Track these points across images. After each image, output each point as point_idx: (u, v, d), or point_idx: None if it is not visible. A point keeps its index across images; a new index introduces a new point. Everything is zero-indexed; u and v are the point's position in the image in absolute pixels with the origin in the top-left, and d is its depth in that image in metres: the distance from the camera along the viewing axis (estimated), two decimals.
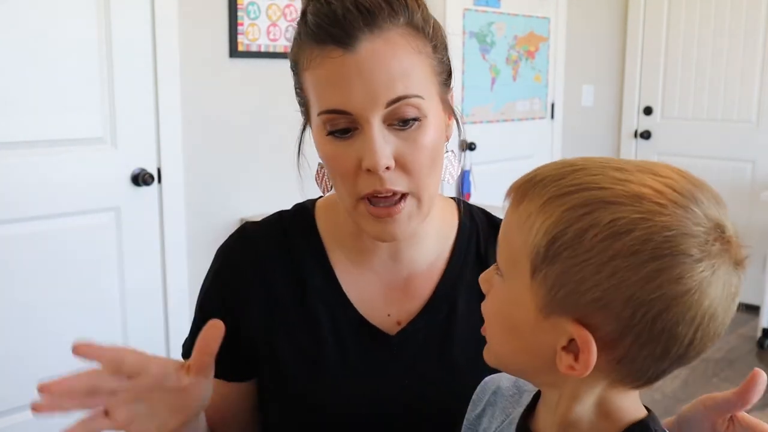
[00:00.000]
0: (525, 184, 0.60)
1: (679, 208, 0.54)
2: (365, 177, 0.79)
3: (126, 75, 2.41)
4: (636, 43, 4.53)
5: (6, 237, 2.21)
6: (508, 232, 0.61)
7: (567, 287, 0.55)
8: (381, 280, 0.92)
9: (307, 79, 0.82)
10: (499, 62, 3.84)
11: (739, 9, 4.11)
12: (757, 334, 3.73)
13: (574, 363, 0.57)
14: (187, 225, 2.62)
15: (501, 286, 0.62)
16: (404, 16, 0.79)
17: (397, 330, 0.91)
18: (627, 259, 0.53)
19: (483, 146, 3.75)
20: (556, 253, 0.55)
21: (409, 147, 0.80)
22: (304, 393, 0.90)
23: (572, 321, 0.56)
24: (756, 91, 4.12)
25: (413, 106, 0.79)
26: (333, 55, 0.77)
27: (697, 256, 0.54)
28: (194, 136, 2.60)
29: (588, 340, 0.55)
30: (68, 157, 2.32)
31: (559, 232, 0.55)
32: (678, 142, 4.40)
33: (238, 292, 0.92)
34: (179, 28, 2.51)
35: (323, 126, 0.80)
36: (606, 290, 0.54)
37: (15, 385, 2.30)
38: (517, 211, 0.60)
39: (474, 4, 3.64)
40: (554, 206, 0.56)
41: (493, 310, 0.63)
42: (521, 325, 0.60)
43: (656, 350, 0.56)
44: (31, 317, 2.30)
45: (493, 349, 0.64)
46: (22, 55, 2.20)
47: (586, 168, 0.58)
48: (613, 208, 0.54)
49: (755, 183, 4.11)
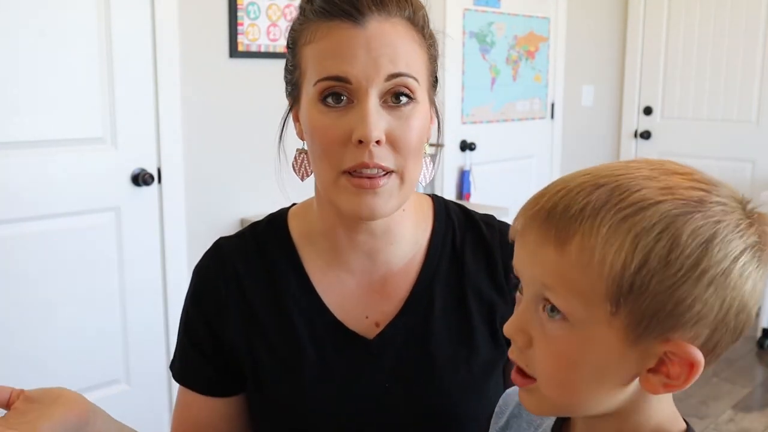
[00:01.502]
0: (562, 218, 0.55)
1: (727, 198, 0.55)
2: (353, 150, 0.80)
3: (126, 75, 2.41)
4: (636, 43, 4.53)
5: (6, 237, 2.21)
6: (561, 274, 0.55)
7: (663, 312, 0.53)
8: (357, 282, 0.92)
9: (307, 53, 0.83)
10: (499, 62, 3.84)
11: (739, 9, 4.11)
12: (757, 334, 3.73)
13: (668, 380, 0.55)
14: (187, 225, 2.62)
15: (563, 332, 0.56)
16: (409, 11, 0.83)
17: (376, 332, 0.90)
18: (719, 265, 0.53)
19: (483, 146, 3.75)
20: (643, 282, 0.52)
21: (400, 125, 0.81)
22: (287, 403, 0.90)
23: (666, 341, 0.54)
24: (756, 91, 4.12)
25: (409, 86, 0.81)
26: (342, 26, 0.80)
27: (756, 237, 0.55)
28: (194, 136, 2.60)
29: (696, 357, 0.54)
30: (68, 157, 2.32)
31: (640, 260, 0.52)
32: (678, 142, 4.40)
33: (218, 310, 0.93)
34: (179, 28, 2.51)
35: (317, 96, 0.82)
36: (706, 301, 0.53)
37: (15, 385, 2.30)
38: (566, 249, 0.54)
39: (474, 4, 3.64)
40: (621, 234, 0.52)
41: (554, 362, 0.57)
42: (597, 366, 0.56)
43: (735, 336, 0.56)
44: (31, 317, 2.29)
45: (552, 399, 0.58)
46: (22, 56, 2.20)
47: (620, 184, 0.55)
48: (683, 219, 0.53)
49: (755, 183, 4.11)
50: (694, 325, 0.53)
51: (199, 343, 0.94)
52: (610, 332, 0.54)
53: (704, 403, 3.04)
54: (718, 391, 3.17)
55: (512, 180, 3.94)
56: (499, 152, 3.91)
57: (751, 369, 3.45)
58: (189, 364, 0.95)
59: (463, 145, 3.69)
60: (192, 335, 0.95)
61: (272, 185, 1.02)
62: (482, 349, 0.91)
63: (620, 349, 0.54)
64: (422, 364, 0.90)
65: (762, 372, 3.45)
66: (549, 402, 0.59)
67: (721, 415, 2.94)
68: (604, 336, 0.54)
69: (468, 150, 3.69)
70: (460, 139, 3.68)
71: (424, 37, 0.85)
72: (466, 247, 0.95)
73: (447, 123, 3.59)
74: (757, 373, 3.42)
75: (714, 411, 2.98)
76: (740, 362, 3.49)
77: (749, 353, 3.60)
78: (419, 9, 0.85)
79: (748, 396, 3.12)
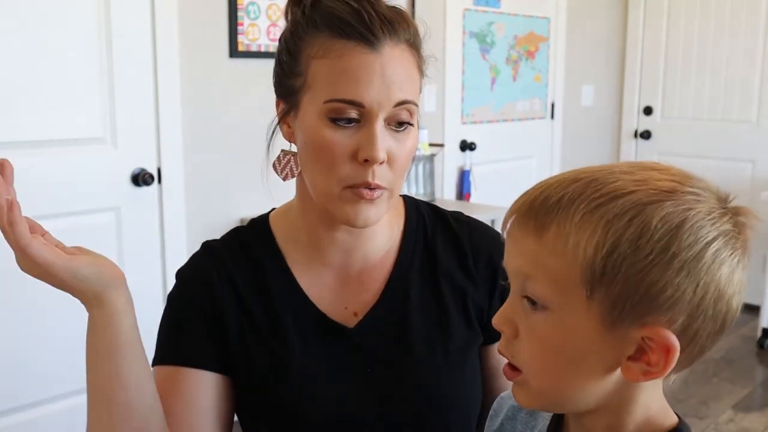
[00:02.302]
0: (540, 209, 0.58)
1: (702, 190, 0.57)
2: (356, 166, 0.86)
3: (126, 75, 2.41)
4: (636, 43, 4.53)
5: None
6: (540, 262, 0.57)
7: (636, 295, 0.54)
8: (336, 275, 0.98)
9: (318, 67, 0.86)
10: (499, 62, 3.84)
11: (739, 9, 4.11)
12: (757, 334, 3.73)
13: (648, 368, 0.57)
14: (187, 225, 2.62)
15: (544, 320, 0.58)
16: (409, 34, 0.89)
17: (356, 322, 0.96)
18: (690, 249, 0.54)
19: (483, 146, 3.75)
20: (614, 266, 0.54)
21: (399, 147, 0.88)
22: (275, 391, 0.94)
23: (642, 326, 0.55)
24: (756, 91, 4.12)
25: (410, 111, 0.88)
26: (359, 50, 0.84)
27: (731, 226, 0.57)
28: (194, 136, 2.60)
29: (671, 341, 0.55)
30: (68, 157, 2.32)
31: (612, 244, 0.54)
32: (678, 142, 4.40)
33: (213, 305, 0.96)
34: (179, 28, 2.51)
35: (325, 113, 0.86)
36: (678, 285, 0.54)
37: (15, 385, 2.30)
38: (544, 238, 0.57)
39: (474, 4, 3.64)
40: (593, 221, 0.55)
41: (538, 349, 0.59)
42: (578, 352, 0.57)
43: (716, 326, 0.57)
44: (31, 317, 2.30)
45: (539, 389, 0.60)
46: (22, 56, 2.20)
47: (597, 178, 0.57)
48: (654, 207, 0.55)
49: (755, 183, 4.11)
50: (668, 309, 0.55)
51: (191, 327, 0.96)
52: (588, 318, 0.56)
53: (704, 403, 3.04)
54: (718, 391, 3.17)
55: (512, 180, 3.94)
56: (499, 152, 3.91)
57: (751, 369, 3.45)
58: (179, 343, 0.96)
59: (463, 145, 3.69)
60: (182, 323, 0.97)
61: (272, 185, 1.05)
62: (457, 333, 0.97)
63: (599, 334, 0.56)
64: (401, 349, 0.95)
65: (762, 372, 3.45)
66: (537, 393, 0.61)
67: (721, 415, 2.94)
68: (583, 322, 0.56)
69: (468, 150, 3.69)
70: (460, 139, 3.68)
71: (420, 59, 0.91)
72: (437, 239, 1.01)
73: (447, 123, 3.59)
74: (757, 373, 3.42)
75: (714, 411, 2.98)
76: (740, 362, 3.49)
77: (749, 353, 3.60)
78: (417, 31, 0.90)
79: (748, 396, 3.12)
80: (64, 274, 0.80)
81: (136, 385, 0.84)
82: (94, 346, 0.84)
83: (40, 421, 2.36)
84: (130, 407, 0.83)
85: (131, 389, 0.83)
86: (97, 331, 0.83)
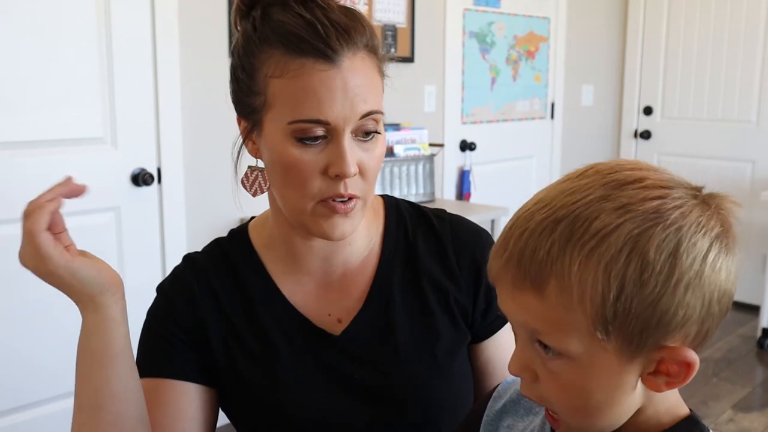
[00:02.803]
0: (532, 265, 0.56)
1: (682, 198, 0.57)
2: (328, 182, 0.84)
3: (126, 75, 2.41)
4: (636, 43, 4.53)
5: (6, 237, 2.21)
6: (546, 318, 0.56)
7: (650, 326, 0.55)
8: (317, 283, 0.97)
9: (276, 87, 0.83)
10: (499, 62, 3.84)
11: (739, 9, 4.11)
12: (757, 334, 3.73)
13: (670, 379, 0.58)
14: (187, 225, 2.62)
15: (563, 365, 0.58)
16: (366, 37, 0.86)
17: (340, 328, 0.95)
18: (691, 269, 0.55)
19: (483, 146, 3.75)
20: (624, 307, 0.54)
21: (368, 156, 0.87)
22: (264, 401, 0.93)
23: (661, 348, 0.56)
24: (756, 91, 4.12)
25: (375, 120, 0.86)
26: (318, 67, 0.81)
27: (719, 227, 0.57)
28: (194, 136, 2.60)
29: (691, 358, 0.56)
30: (68, 157, 2.33)
31: (617, 288, 0.54)
32: (678, 142, 4.40)
33: (195, 318, 0.95)
34: (179, 28, 2.51)
35: (290, 133, 0.83)
36: (688, 304, 0.55)
37: (15, 385, 2.30)
38: (545, 295, 0.56)
39: (474, 4, 3.64)
40: (592, 268, 0.54)
41: (563, 393, 0.59)
42: (604, 387, 0.58)
43: (721, 317, 0.59)
44: (31, 317, 2.30)
45: (576, 424, 0.61)
46: (22, 56, 2.20)
47: (578, 216, 0.55)
48: (646, 236, 0.54)
49: (755, 183, 4.11)
50: (681, 328, 0.56)
51: (173, 340, 0.95)
52: (607, 356, 0.56)
53: (704, 403, 3.04)
54: (718, 391, 3.17)
55: (512, 180, 3.95)
56: (499, 152, 3.91)
57: (751, 369, 3.45)
58: (162, 356, 0.95)
59: (463, 145, 3.69)
60: (164, 336, 0.96)
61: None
62: (443, 334, 0.95)
63: (619, 367, 0.57)
64: (388, 354, 0.94)
65: (762, 372, 3.45)
66: (577, 428, 0.62)
67: (721, 415, 2.94)
68: (603, 360, 0.56)
69: (468, 150, 3.69)
70: (460, 139, 3.68)
71: (380, 61, 0.88)
72: (419, 239, 0.99)
73: (447, 123, 3.59)
74: (757, 373, 3.42)
75: (714, 411, 2.98)
76: (740, 362, 3.49)
77: (749, 353, 3.60)
78: (374, 33, 0.87)
79: (748, 396, 3.12)
80: (63, 271, 0.80)
81: (125, 397, 0.83)
82: (85, 352, 0.83)
83: (40, 420, 2.36)
84: (119, 418, 0.82)
85: (120, 400, 0.82)
86: (90, 337, 0.83)
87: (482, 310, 0.98)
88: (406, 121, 3.27)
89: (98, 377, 0.82)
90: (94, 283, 0.81)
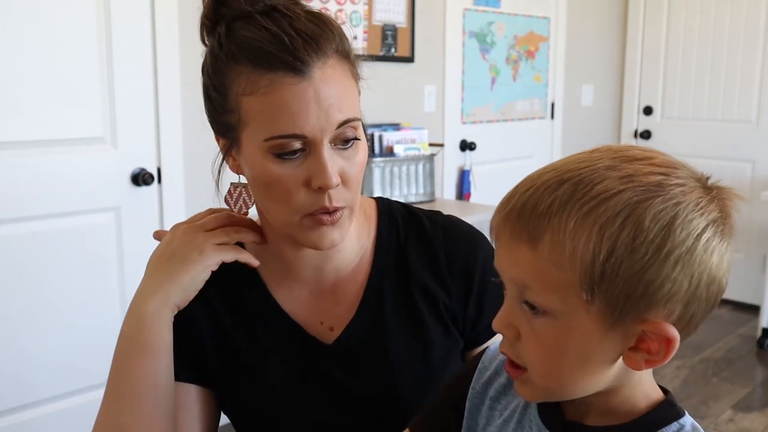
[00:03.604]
0: (531, 217, 0.58)
1: (686, 179, 0.58)
2: (312, 194, 0.83)
3: (126, 75, 2.41)
4: (636, 43, 4.53)
5: (6, 237, 2.21)
6: (537, 273, 0.58)
7: (635, 295, 0.56)
8: (309, 290, 0.95)
9: (248, 105, 0.81)
10: (499, 62, 3.84)
11: (739, 9, 4.11)
12: (757, 334, 3.73)
13: (650, 356, 0.58)
14: None
15: (546, 324, 0.59)
16: (336, 43, 0.83)
17: (332, 337, 0.94)
18: (683, 244, 0.55)
19: (483, 146, 3.75)
20: (612, 269, 0.55)
21: (349, 165, 0.84)
22: (256, 408, 0.93)
23: (642, 322, 0.57)
24: (756, 91, 4.12)
25: (353, 127, 0.84)
26: (287, 81, 0.79)
27: (718, 212, 0.58)
28: (194, 136, 2.60)
29: (671, 333, 0.57)
30: (68, 157, 2.32)
31: (608, 249, 0.55)
32: (678, 142, 4.40)
33: (188, 322, 0.93)
34: (179, 28, 2.51)
35: (267, 149, 0.82)
36: (675, 279, 0.56)
37: (15, 385, 2.30)
38: (539, 248, 0.57)
39: (474, 4, 3.64)
40: (587, 227, 0.55)
41: (542, 351, 0.60)
42: (582, 351, 0.59)
43: (709, 306, 0.59)
44: (31, 317, 2.30)
45: (545, 386, 0.62)
46: (22, 55, 2.20)
47: (583, 178, 0.57)
48: (645, 205, 0.55)
49: (755, 183, 4.11)
50: (666, 303, 0.56)
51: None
52: (589, 320, 0.57)
53: (704, 403, 3.04)
54: (718, 391, 3.17)
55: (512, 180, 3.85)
56: (499, 152, 3.91)
57: (751, 369, 3.45)
58: None
59: (463, 145, 3.69)
60: None
61: None
62: (436, 342, 0.94)
63: (600, 333, 0.58)
64: (380, 364, 0.93)
65: (762, 372, 3.45)
66: (542, 389, 0.62)
67: (721, 415, 2.94)
68: (584, 324, 0.57)
69: (468, 150, 3.70)
70: (460, 139, 3.68)
71: (352, 64, 0.86)
72: (409, 243, 0.97)
73: (447, 123, 3.59)
74: (757, 373, 3.42)
75: (714, 411, 2.98)
76: (740, 362, 3.49)
77: (749, 353, 3.60)
78: (343, 36, 0.85)
79: (748, 396, 3.12)
80: (203, 267, 0.89)
81: (166, 391, 0.86)
82: (134, 341, 0.86)
83: (40, 420, 2.36)
84: (157, 410, 0.85)
85: (160, 393, 0.85)
86: (143, 327, 0.86)
87: (472, 319, 0.96)
88: (406, 121, 3.27)
89: (145, 366, 0.84)
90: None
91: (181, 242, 0.89)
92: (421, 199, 3.07)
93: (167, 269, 0.88)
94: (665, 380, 3.23)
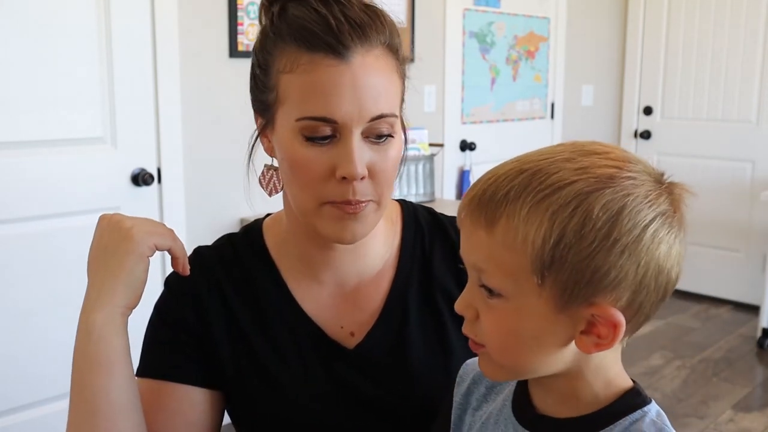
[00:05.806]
0: (489, 203, 0.61)
1: (639, 173, 0.61)
2: (336, 184, 0.81)
3: (126, 75, 2.41)
4: (636, 43, 4.53)
5: (5, 237, 2.21)
6: (492, 256, 0.61)
7: (582, 280, 0.58)
8: (330, 293, 0.93)
9: (286, 82, 0.81)
10: (499, 62, 3.84)
11: (739, 9, 4.11)
12: (757, 334, 3.73)
13: (599, 340, 0.61)
14: (187, 225, 2.62)
15: (501, 305, 0.62)
16: (385, 36, 0.83)
17: (352, 342, 0.92)
18: (630, 233, 0.58)
19: (483, 146, 3.75)
20: (561, 255, 0.58)
21: (380, 159, 0.83)
22: (271, 410, 0.90)
23: (590, 306, 0.60)
24: (756, 91, 4.12)
25: (389, 124, 0.83)
26: (326, 63, 0.79)
27: (667, 205, 0.61)
28: (194, 136, 2.60)
29: (617, 318, 0.60)
30: (68, 157, 2.32)
31: (557, 235, 0.58)
32: (678, 142, 4.40)
33: (200, 316, 0.92)
34: (179, 28, 2.51)
35: (298, 130, 0.81)
36: (621, 267, 0.58)
37: (14, 385, 2.30)
38: (494, 232, 0.60)
39: (474, 4, 3.64)
40: (540, 213, 0.58)
41: (497, 331, 0.63)
42: (534, 332, 0.62)
43: (658, 296, 0.62)
44: (31, 317, 2.30)
45: (501, 364, 0.65)
46: (21, 56, 2.20)
47: (540, 168, 0.60)
48: (595, 196, 0.58)
49: (755, 183, 4.11)
50: (613, 289, 0.59)
51: (177, 340, 0.92)
52: (540, 302, 0.60)
53: (704, 403, 3.04)
54: (718, 391, 3.17)
55: None
56: (499, 152, 3.89)
57: (751, 369, 3.45)
58: (166, 358, 0.93)
59: (463, 145, 3.69)
60: (168, 336, 0.93)
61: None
62: (458, 351, 0.92)
63: (551, 315, 0.61)
64: (401, 372, 0.91)
65: (762, 372, 3.44)
66: (500, 366, 0.66)
67: (721, 415, 2.94)
68: (536, 306, 0.61)
69: (468, 150, 3.70)
70: (460, 139, 3.68)
71: (399, 61, 0.85)
72: (435, 250, 0.96)
73: (447, 123, 3.59)
74: (757, 373, 3.42)
75: (714, 411, 2.98)
76: (740, 362, 3.49)
77: (749, 353, 3.60)
78: (395, 32, 0.84)
79: (748, 396, 3.12)
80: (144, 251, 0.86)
81: (123, 407, 0.81)
82: (84, 356, 0.82)
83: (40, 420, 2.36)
84: (115, 426, 0.80)
85: (117, 410, 0.81)
86: (89, 341, 0.81)
87: None
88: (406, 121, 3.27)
89: (99, 384, 0.81)
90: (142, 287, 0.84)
91: (110, 233, 0.88)
92: (421, 200, 3.06)
93: (103, 269, 0.84)
94: (665, 380, 3.23)
